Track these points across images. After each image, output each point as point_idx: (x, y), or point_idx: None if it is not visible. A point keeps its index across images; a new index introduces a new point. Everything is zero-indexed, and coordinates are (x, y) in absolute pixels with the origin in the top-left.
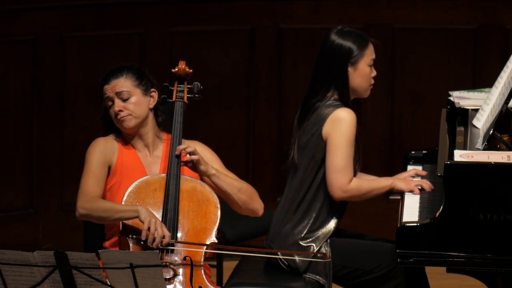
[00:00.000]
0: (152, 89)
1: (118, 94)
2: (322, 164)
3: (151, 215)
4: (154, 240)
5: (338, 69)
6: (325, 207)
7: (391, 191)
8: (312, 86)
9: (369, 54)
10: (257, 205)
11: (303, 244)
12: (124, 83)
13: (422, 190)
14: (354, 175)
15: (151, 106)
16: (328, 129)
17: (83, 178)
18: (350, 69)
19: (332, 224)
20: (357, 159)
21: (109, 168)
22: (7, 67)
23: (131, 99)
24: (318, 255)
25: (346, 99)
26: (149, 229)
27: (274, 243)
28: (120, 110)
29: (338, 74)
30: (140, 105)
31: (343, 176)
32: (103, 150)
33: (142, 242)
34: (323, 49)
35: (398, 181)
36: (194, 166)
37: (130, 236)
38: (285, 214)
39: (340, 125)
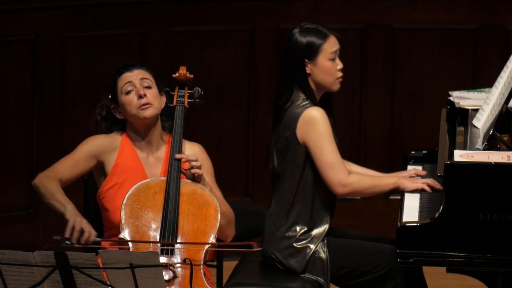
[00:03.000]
0: (162, 92)
1: (142, 80)
2: (305, 167)
3: (77, 213)
4: (79, 238)
5: (296, 67)
6: (316, 208)
7: (396, 189)
8: (278, 87)
9: (328, 48)
10: (230, 233)
11: (299, 246)
12: (146, 74)
13: (423, 191)
14: None
15: (162, 106)
16: (302, 132)
17: (63, 158)
18: (310, 66)
19: (325, 224)
20: None
21: (102, 165)
22: (7, 67)
23: (152, 89)
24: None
25: (313, 96)
26: (73, 228)
27: (270, 247)
28: (145, 95)
29: (297, 72)
30: (158, 98)
31: (338, 171)
32: (100, 145)
33: (67, 242)
34: (283, 49)
35: (404, 180)
36: (194, 179)
37: (55, 237)
38: (277, 219)
39: (313, 125)
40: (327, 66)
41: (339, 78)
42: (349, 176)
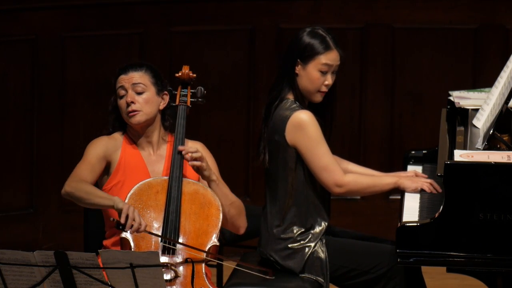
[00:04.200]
0: (165, 92)
1: (134, 85)
2: (297, 169)
3: (127, 203)
4: (132, 226)
5: (289, 64)
6: (311, 208)
7: (396, 189)
8: (275, 78)
9: (322, 59)
10: (242, 223)
11: (296, 247)
12: (141, 77)
13: (423, 191)
14: None
15: (161, 107)
16: (291, 136)
17: (78, 164)
18: (300, 67)
19: (322, 223)
20: None
21: (109, 164)
22: (7, 67)
23: (144, 94)
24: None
25: (299, 97)
26: (127, 216)
27: (267, 249)
28: (132, 102)
29: (289, 69)
30: (151, 103)
31: (333, 172)
32: (105, 145)
33: (120, 227)
34: (288, 44)
35: (404, 179)
36: (198, 170)
37: (112, 219)
38: (273, 221)
39: (303, 129)
40: (314, 76)
41: (321, 92)
42: (344, 176)
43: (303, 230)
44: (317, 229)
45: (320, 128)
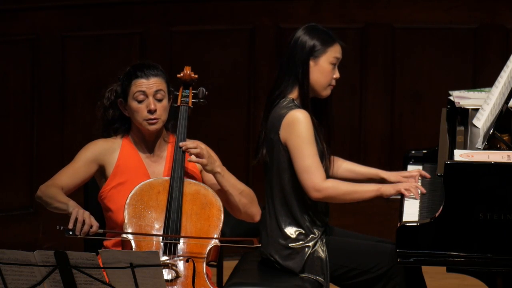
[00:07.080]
0: (171, 95)
1: (156, 92)
2: (292, 168)
3: (78, 207)
4: (81, 229)
5: (300, 63)
6: (309, 208)
7: (379, 196)
8: (276, 79)
9: (333, 52)
10: (255, 210)
11: (296, 247)
12: (161, 84)
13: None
14: (326, 172)
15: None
16: (284, 133)
17: (64, 167)
18: (311, 63)
19: (321, 223)
20: (324, 156)
21: (104, 168)
22: (7, 67)
23: (163, 101)
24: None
25: (305, 96)
26: (76, 219)
27: (267, 248)
28: (155, 110)
29: (300, 67)
30: (167, 109)
31: (313, 176)
32: (98, 149)
33: (70, 232)
34: (289, 43)
35: (385, 186)
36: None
37: (58, 227)
38: (272, 220)
39: (294, 127)
40: (327, 68)
41: (331, 85)
42: (324, 181)
43: (301, 229)
44: (316, 229)
45: (312, 129)
